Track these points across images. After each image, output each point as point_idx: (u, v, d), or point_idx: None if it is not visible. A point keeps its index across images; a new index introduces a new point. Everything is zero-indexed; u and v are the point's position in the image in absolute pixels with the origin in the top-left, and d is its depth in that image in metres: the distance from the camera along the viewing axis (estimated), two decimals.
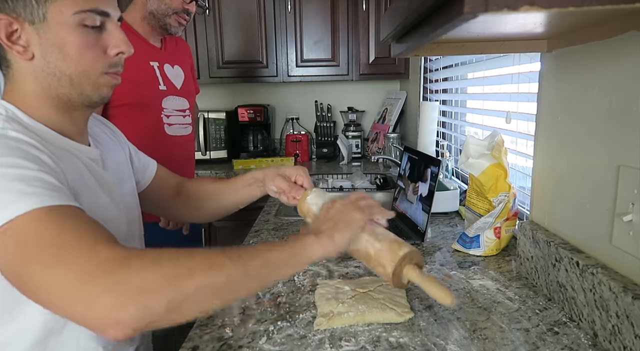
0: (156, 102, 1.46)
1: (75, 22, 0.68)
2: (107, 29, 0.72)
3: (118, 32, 0.73)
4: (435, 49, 0.90)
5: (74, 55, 0.69)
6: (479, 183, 1.10)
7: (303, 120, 2.90)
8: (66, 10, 0.67)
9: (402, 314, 0.81)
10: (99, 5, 0.70)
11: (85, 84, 0.72)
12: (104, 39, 0.72)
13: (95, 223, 0.60)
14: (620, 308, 0.67)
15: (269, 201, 1.74)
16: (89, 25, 0.69)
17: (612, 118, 0.74)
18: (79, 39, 0.69)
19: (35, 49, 0.68)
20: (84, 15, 0.68)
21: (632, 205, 0.69)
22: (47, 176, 0.60)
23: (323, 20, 2.52)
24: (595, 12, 0.60)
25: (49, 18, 0.67)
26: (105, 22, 0.72)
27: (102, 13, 0.71)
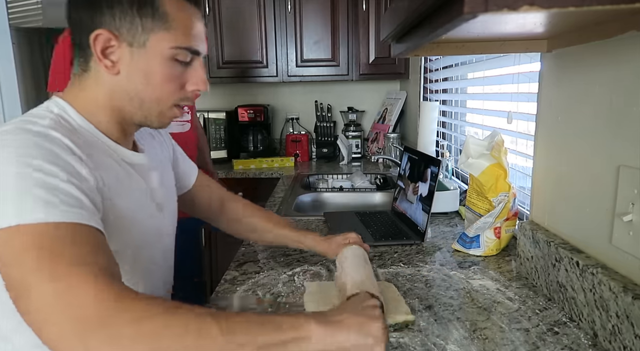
0: None
1: (170, 55, 0.71)
2: (192, 66, 0.75)
3: (201, 71, 0.76)
4: (435, 49, 0.90)
5: (157, 84, 0.72)
6: (479, 183, 1.10)
7: (303, 120, 2.91)
8: (166, 43, 0.70)
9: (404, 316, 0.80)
10: (195, 45, 0.73)
11: (154, 110, 0.74)
12: (187, 74, 0.75)
13: (102, 251, 0.58)
14: (620, 308, 0.67)
15: (269, 201, 1.74)
16: (179, 60, 0.72)
17: (612, 118, 0.74)
18: (167, 71, 0.72)
19: (123, 67, 0.70)
20: (180, 51, 0.71)
21: (632, 205, 0.69)
22: (73, 188, 0.59)
23: (323, 20, 2.52)
24: (595, 12, 0.60)
25: (147, 46, 0.69)
26: (194, 59, 0.75)
27: (195, 52, 0.74)
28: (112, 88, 0.72)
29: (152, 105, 0.73)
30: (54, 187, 0.57)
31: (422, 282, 0.97)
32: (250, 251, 1.17)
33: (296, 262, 1.09)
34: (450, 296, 0.90)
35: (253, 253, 1.16)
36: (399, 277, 1.00)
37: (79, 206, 0.59)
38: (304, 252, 1.11)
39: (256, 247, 1.19)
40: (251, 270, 1.05)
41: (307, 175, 2.26)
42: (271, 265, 1.07)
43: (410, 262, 1.09)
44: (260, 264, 1.08)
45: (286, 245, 1.06)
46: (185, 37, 0.71)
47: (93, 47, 0.68)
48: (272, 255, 1.14)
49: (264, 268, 1.06)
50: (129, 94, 0.72)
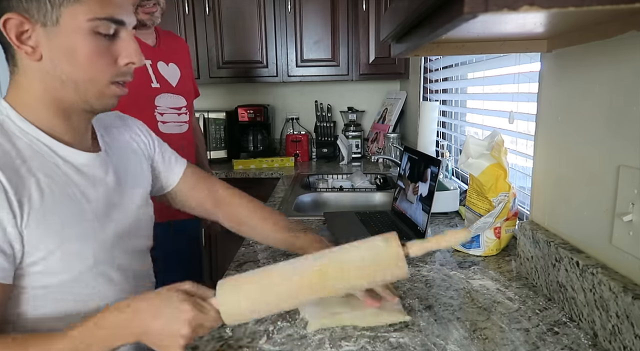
0: (148, 99, 1.46)
1: (89, 28, 0.66)
2: (120, 37, 0.70)
3: (131, 42, 0.71)
4: (435, 49, 0.90)
5: (83, 61, 0.68)
6: (479, 183, 1.10)
7: (303, 120, 2.91)
8: (80, 16, 0.66)
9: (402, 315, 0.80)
10: (115, 13, 0.68)
11: (91, 92, 0.70)
12: (116, 47, 0.70)
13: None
14: (620, 308, 0.67)
15: (269, 201, 1.74)
16: (102, 33, 0.68)
17: (612, 118, 0.74)
18: (90, 46, 0.67)
19: (44, 51, 0.67)
20: (99, 22, 0.67)
21: (632, 205, 0.69)
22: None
23: (323, 20, 2.52)
24: (595, 12, 0.60)
25: (61, 22, 0.65)
26: (119, 30, 0.70)
27: (117, 21, 0.69)
28: (41, 75, 0.68)
29: (87, 85, 0.69)
30: None
31: (422, 282, 0.97)
32: (250, 251, 1.17)
33: None
34: (450, 296, 0.90)
35: (253, 253, 1.16)
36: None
37: None
38: None
39: (256, 247, 1.19)
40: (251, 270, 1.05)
41: (307, 175, 2.26)
42: None
43: (410, 262, 1.08)
44: (260, 264, 1.08)
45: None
46: (102, 6, 0.66)
47: (6, 34, 0.65)
48: (272, 255, 1.14)
49: None
50: (60, 78, 0.68)
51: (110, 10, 0.67)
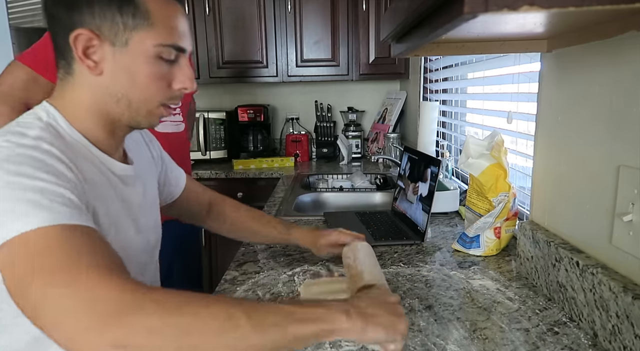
0: None
1: (154, 53, 0.69)
2: (178, 63, 0.73)
3: (187, 69, 0.74)
4: (435, 49, 0.90)
5: (142, 83, 0.70)
6: (479, 183, 1.10)
7: (303, 120, 2.91)
8: (149, 41, 0.68)
9: None
10: (180, 41, 0.71)
11: (142, 111, 0.73)
12: (173, 72, 0.73)
13: (111, 251, 0.58)
14: (620, 308, 0.67)
15: (269, 201, 1.74)
16: (164, 58, 0.71)
17: (612, 119, 0.74)
18: (152, 70, 0.70)
19: (106, 66, 0.69)
20: (164, 49, 0.70)
21: (632, 205, 0.69)
22: (68, 192, 0.59)
23: (323, 20, 2.52)
24: (595, 12, 0.60)
25: (130, 44, 0.68)
26: (178, 56, 0.73)
27: (180, 49, 0.72)
28: (97, 89, 0.70)
29: (140, 105, 0.72)
30: (49, 191, 0.57)
31: (422, 282, 0.97)
32: (250, 251, 1.17)
33: (296, 261, 1.09)
34: (450, 296, 0.90)
35: (253, 253, 1.16)
36: (399, 277, 1.00)
37: (76, 207, 0.58)
38: (304, 251, 1.11)
39: (256, 247, 1.19)
40: (251, 270, 1.05)
41: (307, 175, 2.26)
42: (271, 265, 1.07)
43: (410, 262, 1.09)
44: (260, 264, 1.08)
45: (278, 243, 1.07)
46: (169, 34, 0.70)
47: (74, 47, 0.67)
48: (272, 255, 1.14)
49: (264, 268, 1.06)
50: (116, 95, 0.70)
51: (176, 38, 0.71)
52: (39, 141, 0.63)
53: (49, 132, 0.66)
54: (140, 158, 0.88)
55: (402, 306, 0.67)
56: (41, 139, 0.63)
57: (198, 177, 2.35)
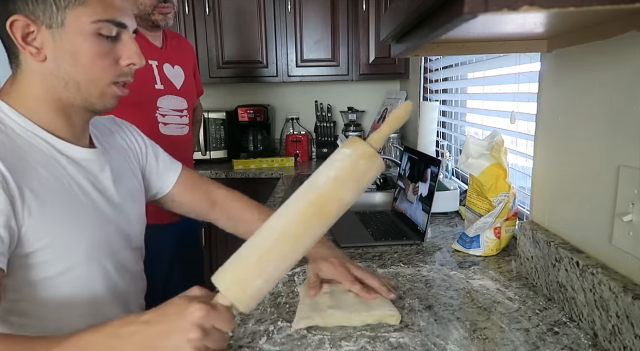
0: (150, 100, 1.46)
1: (92, 30, 0.69)
2: (121, 40, 0.73)
3: (132, 44, 0.73)
4: (435, 49, 0.90)
5: (86, 62, 0.70)
6: (479, 183, 1.10)
7: (303, 120, 2.90)
8: (84, 18, 0.68)
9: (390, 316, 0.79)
10: (117, 16, 0.71)
11: (92, 92, 0.72)
12: (118, 49, 0.73)
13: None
14: (620, 308, 0.67)
15: (269, 201, 1.74)
16: (104, 35, 0.70)
17: (612, 118, 0.74)
18: (93, 48, 0.69)
19: (49, 52, 0.68)
20: (101, 24, 0.69)
21: (632, 205, 0.69)
22: None
23: (323, 20, 2.52)
24: (595, 12, 0.60)
25: (66, 24, 0.67)
26: (120, 32, 0.72)
27: (119, 24, 0.71)
28: (43, 76, 0.70)
29: (89, 86, 0.71)
30: None
31: (422, 282, 0.97)
32: None
33: None
34: (450, 296, 0.90)
35: None
36: (399, 277, 1.00)
37: None
38: None
39: None
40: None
41: (307, 175, 2.25)
42: None
43: (410, 262, 1.09)
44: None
45: None
46: (105, 9, 0.69)
47: (12, 36, 0.67)
48: None
49: None
50: (63, 79, 0.70)
51: (112, 13, 0.70)
52: None
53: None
54: (114, 147, 0.86)
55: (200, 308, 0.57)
56: None
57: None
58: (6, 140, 0.67)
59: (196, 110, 1.80)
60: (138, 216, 0.89)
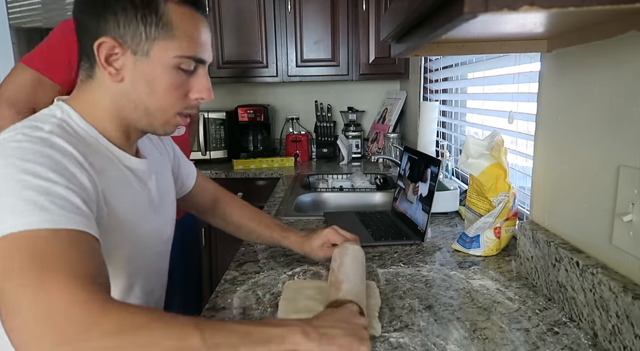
0: None
1: (174, 64, 0.70)
2: (197, 74, 0.75)
3: (205, 79, 0.76)
4: (435, 49, 0.90)
5: (160, 92, 0.71)
6: (479, 183, 1.10)
7: (303, 120, 2.91)
8: (170, 52, 0.69)
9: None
10: (200, 53, 0.73)
11: (158, 119, 0.74)
12: (191, 82, 0.74)
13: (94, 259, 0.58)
14: (620, 308, 0.67)
15: (269, 201, 1.74)
16: (183, 69, 0.72)
17: (612, 118, 0.74)
18: (171, 80, 0.71)
19: (127, 74, 0.70)
20: (184, 59, 0.71)
21: (632, 205, 0.69)
22: (71, 194, 0.59)
23: (323, 20, 2.52)
24: (595, 12, 0.60)
25: (151, 54, 0.69)
26: (198, 67, 0.74)
27: (200, 60, 0.73)
28: (116, 95, 0.72)
29: (157, 113, 0.73)
30: (53, 194, 0.57)
31: (422, 282, 0.97)
32: (250, 251, 1.17)
33: (296, 262, 1.09)
34: (450, 296, 0.90)
35: (253, 253, 1.16)
36: (399, 277, 1.00)
37: (76, 212, 0.59)
38: None
39: (256, 247, 1.19)
40: (251, 270, 1.05)
41: (307, 175, 2.26)
42: (271, 265, 1.07)
43: (410, 262, 1.09)
44: (260, 264, 1.08)
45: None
46: (190, 46, 0.71)
47: (97, 54, 0.68)
48: (272, 255, 1.14)
49: (264, 268, 1.05)
50: (134, 102, 0.72)
51: (196, 50, 0.72)
52: (52, 136, 0.63)
53: (62, 128, 0.67)
54: (153, 154, 0.89)
55: (367, 330, 0.66)
56: (55, 134, 0.64)
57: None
58: (79, 144, 0.68)
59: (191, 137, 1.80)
60: (172, 217, 0.93)
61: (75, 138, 0.68)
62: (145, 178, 0.81)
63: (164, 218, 0.88)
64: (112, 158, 0.74)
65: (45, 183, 0.58)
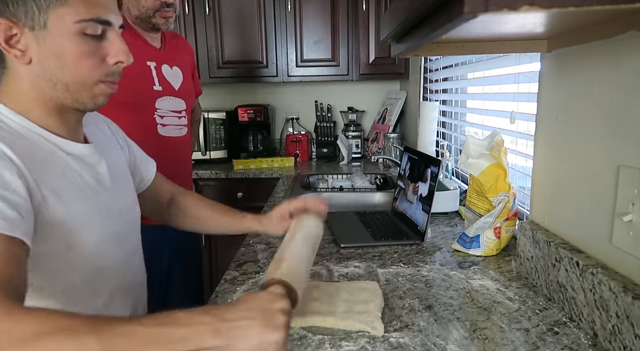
0: (149, 102, 1.46)
1: (76, 30, 0.68)
2: (107, 38, 0.72)
3: (118, 41, 0.72)
4: (435, 49, 0.90)
5: (72, 63, 0.69)
6: (479, 183, 1.10)
7: (303, 120, 2.90)
8: (68, 18, 0.67)
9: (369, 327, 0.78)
10: (101, 14, 0.69)
11: (81, 92, 0.72)
12: (104, 47, 0.71)
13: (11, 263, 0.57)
14: (620, 308, 0.67)
15: (269, 201, 1.74)
16: (89, 34, 0.69)
17: (612, 118, 0.74)
18: (79, 48, 0.68)
19: (34, 54, 0.68)
20: (85, 24, 0.68)
21: (632, 205, 0.69)
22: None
23: (323, 20, 2.52)
24: (595, 12, 0.60)
25: (49, 25, 0.66)
26: (106, 30, 0.71)
27: (104, 22, 0.70)
28: (31, 78, 0.69)
29: (77, 86, 0.71)
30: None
31: (422, 282, 0.97)
32: (250, 251, 1.17)
33: None
34: (450, 296, 0.90)
35: (253, 253, 1.16)
36: (399, 277, 1.00)
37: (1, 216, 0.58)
38: None
39: (256, 247, 1.19)
40: (251, 270, 1.05)
41: (307, 175, 2.26)
42: None
43: (410, 262, 1.09)
44: (260, 264, 1.08)
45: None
46: (88, 8, 0.67)
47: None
48: (272, 255, 1.13)
49: (264, 268, 1.05)
50: (51, 80, 0.69)
51: (96, 12, 0.69)
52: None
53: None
54: (103, 142, 0.87)
55: (286, 316, 0.60)
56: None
57: (198, 176, 2.35)
58: (13, 138, 0.67)
59: (195, 110, 1.80)
60: (135, 212, 0.90)
61: (7, 132, 0.67)
62: (94, 162, 0.78)
63: (125, 202, 0.85)
64: (51, 148, 0.72)
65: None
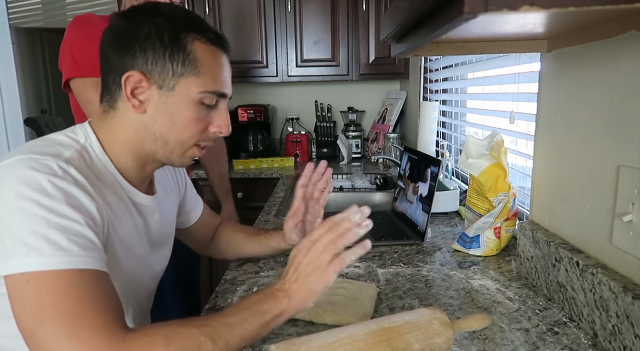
0: None
1: (197, 99, 0.72)
2: (217, 108, 0.76)
3: (225, 114, 0.78)
4: (435, 49, 0.90)
5: (181, 126, 0.73)
6: (479, 183, 1.10)
7: (303, 120, 2.90)
8: (194, 88, 0.71)
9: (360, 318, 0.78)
10: (223, 88, 0.75)
11: (176, 150, 0.76)
12: (211, 116, 0.76)
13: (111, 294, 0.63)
14: (620, 308, 0.67)
15: (269, 201, 1.74)
16: (205, 104, 0.73)
17: (612, 118, 0.74)
18: (193, 114, 0.73)
19: (150, 107, 0.72)
20: (207, 95, 0.73)
21: (632, 205, 0.69)
22: (88, 231, 0.62)
23: (323, 20, 2.52)
24: (595, 12, 0.60)
25: (176, 89, 0.71)
26: (219, 101, 0.76)
27: (222, 95, 0.75)
28: (137, 126, 0.73)
29: (176, 145, 0.75)
30: (71, 231, 0.60)
31: (422, 282, 0.97)
32: None
33: None
34: (450, 296, 0.90)
35: None
36: (399, 277, 1.00)
37: (93, 249, 0.61)
38: None
39: None
40: (251, 270, 1.05)
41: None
42: (271, 265, 1.07)
43: (410, 262, 1.09)
44: (260, 264, 1.08)
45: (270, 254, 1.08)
46: (214, 82, 0.73)
47: (124, 87, 0.70)
48: (272, 255, 1.14)
49: (264, 268, 1.05)
50: (154, 134, 0.73)
51: (219, 85, 0.74)
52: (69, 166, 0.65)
53: (81, 155, 0.69)
54: (164, 186, 0.91)
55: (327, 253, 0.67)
56: (71, 164, 0.65)
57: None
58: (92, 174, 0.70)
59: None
60: (168, 254, 0.94)
61: (89, 168, 0.70)
62: (150, 214, 0.82)
63: (162, 255, 0.90)
64: (120, 191, 0.75)
65: (62, 220, 0.59)
